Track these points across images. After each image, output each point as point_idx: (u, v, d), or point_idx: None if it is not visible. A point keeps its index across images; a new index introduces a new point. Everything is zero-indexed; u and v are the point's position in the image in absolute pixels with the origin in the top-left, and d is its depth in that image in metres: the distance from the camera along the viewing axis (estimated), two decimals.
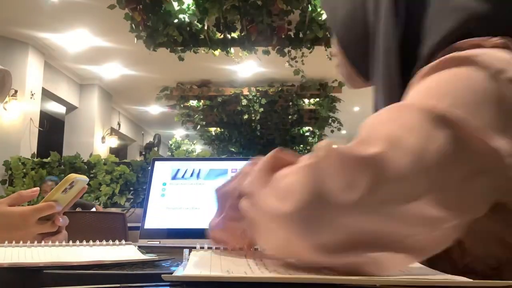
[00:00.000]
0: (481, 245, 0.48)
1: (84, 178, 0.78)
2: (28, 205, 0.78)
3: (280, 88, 6.88)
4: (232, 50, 4.36)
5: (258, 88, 6.89)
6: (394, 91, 0.53)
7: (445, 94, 0.41)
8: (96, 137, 7.18)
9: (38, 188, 0.81)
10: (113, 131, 8.05)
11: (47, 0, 4.66)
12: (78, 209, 3.36)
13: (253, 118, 7.02)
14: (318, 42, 4.25)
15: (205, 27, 4.03)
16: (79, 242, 0.63)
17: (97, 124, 7.24)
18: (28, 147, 5.66)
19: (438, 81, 0.44)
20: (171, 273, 0.36)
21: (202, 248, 0.49)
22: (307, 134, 8.23)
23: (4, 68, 0.95)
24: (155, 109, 8.83)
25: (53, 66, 6.40)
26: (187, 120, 7.61)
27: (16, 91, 5.39)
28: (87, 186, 0.84)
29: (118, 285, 0.38)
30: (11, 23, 5.18)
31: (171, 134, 11.07)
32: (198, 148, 10.86)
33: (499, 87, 0.42)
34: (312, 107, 7.21)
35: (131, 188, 5.17)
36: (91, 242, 0.64)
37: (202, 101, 7.20)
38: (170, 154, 10.31)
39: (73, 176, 0.75)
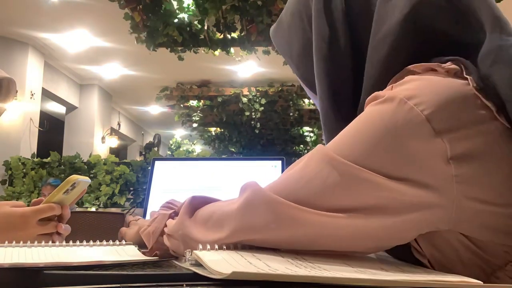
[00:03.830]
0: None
1: (86, 179, 0.78)
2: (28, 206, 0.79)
3: (280, 88, 6.88)
4: (232, 50, 4.36)
5: (258, 88, 6.88)
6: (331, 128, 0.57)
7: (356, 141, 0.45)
8: (96, 137, 7.18)
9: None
10: (113, 131, 8.05)
11: (47, 0, 4.66)
12: None
13: (253, 118, 7.01)
14: None
15: (205, 27, 4.03)
16: (79, 242, 0.63)
17: (97, 124, 7.24)
18: (28, 147, 5.66)
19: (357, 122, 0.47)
20: (192, 273, 0.34)
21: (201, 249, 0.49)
22: (307, 134, 8.23)
23: (8, 76, 0.96)
24: (155, 109, 8.83)
25: (53, 66, 6.40)
26: (187, 120, 7.61)
27: (16, 91, 5.38)
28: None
29: (118, 285, 0.38)
30: (11, 23, 5.18)
31: (171, 134, 11.07)
32: (198, 148, 10.86)
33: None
34: (312, 107, 7.21)
35: (131, 188, 5.17)
36: (91, 242, 0.64)
37: (202, 101, 7.20)
38: (170, 154, 10.31)
39: (75, 177, 0.75)
